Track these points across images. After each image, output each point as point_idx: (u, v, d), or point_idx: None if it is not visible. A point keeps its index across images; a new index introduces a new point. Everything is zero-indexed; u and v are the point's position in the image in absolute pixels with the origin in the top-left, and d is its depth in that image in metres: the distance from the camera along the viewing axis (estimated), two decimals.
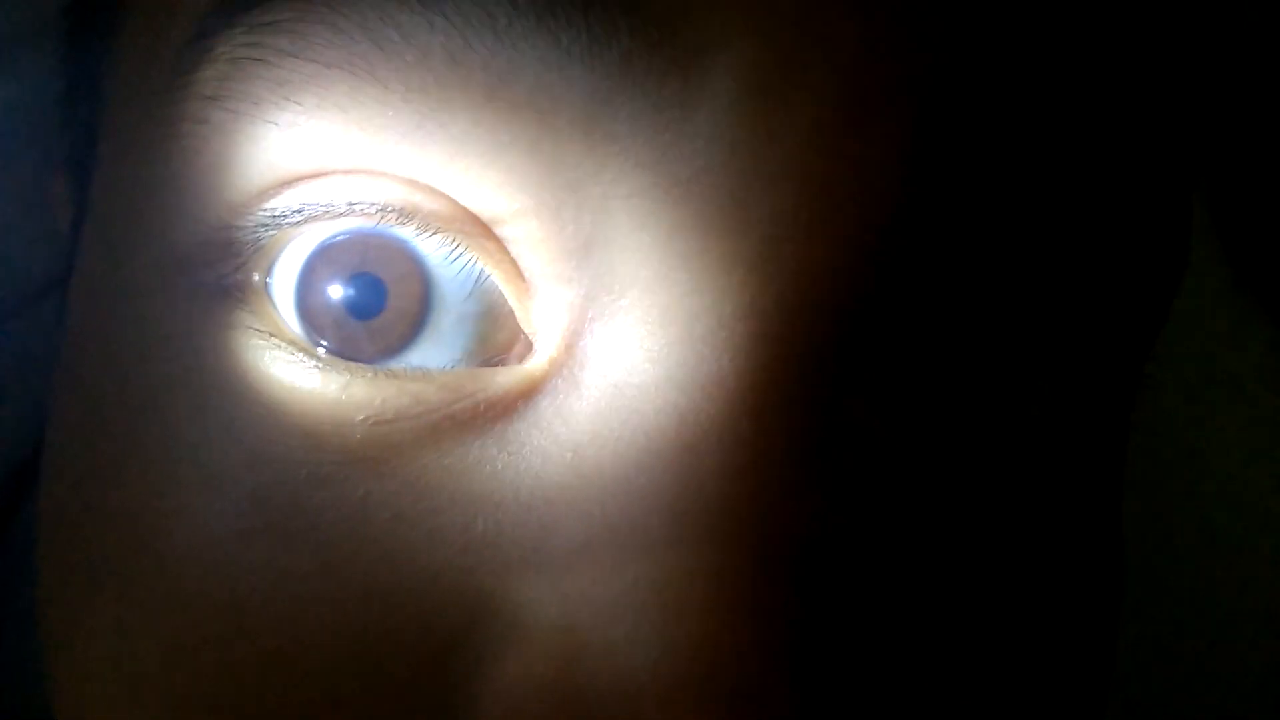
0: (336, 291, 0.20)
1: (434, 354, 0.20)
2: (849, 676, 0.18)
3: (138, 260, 0.21)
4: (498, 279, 0.19)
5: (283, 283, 0.20)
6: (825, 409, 0.18)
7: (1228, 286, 0.41)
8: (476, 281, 0.19)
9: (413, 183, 0.19)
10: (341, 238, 0.20)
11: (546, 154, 0.18)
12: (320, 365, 0.19)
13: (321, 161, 0.19)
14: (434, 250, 0.19)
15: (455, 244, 0.19)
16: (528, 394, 0.19)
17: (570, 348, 0.19)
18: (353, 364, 0.19)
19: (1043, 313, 0.20)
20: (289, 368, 0.19)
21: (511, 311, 0.19)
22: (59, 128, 0.28)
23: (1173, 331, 0.23)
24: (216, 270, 0.20)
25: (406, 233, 0.19)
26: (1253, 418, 0.41)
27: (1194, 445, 0.41)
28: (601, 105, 0.18)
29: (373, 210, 0.19)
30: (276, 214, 0.19)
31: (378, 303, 0.20)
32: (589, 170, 0.18)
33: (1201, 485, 0.41)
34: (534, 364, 0.19)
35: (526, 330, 0.19)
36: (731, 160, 0.18)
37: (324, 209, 0.19)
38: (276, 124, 0.19)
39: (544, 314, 0.19)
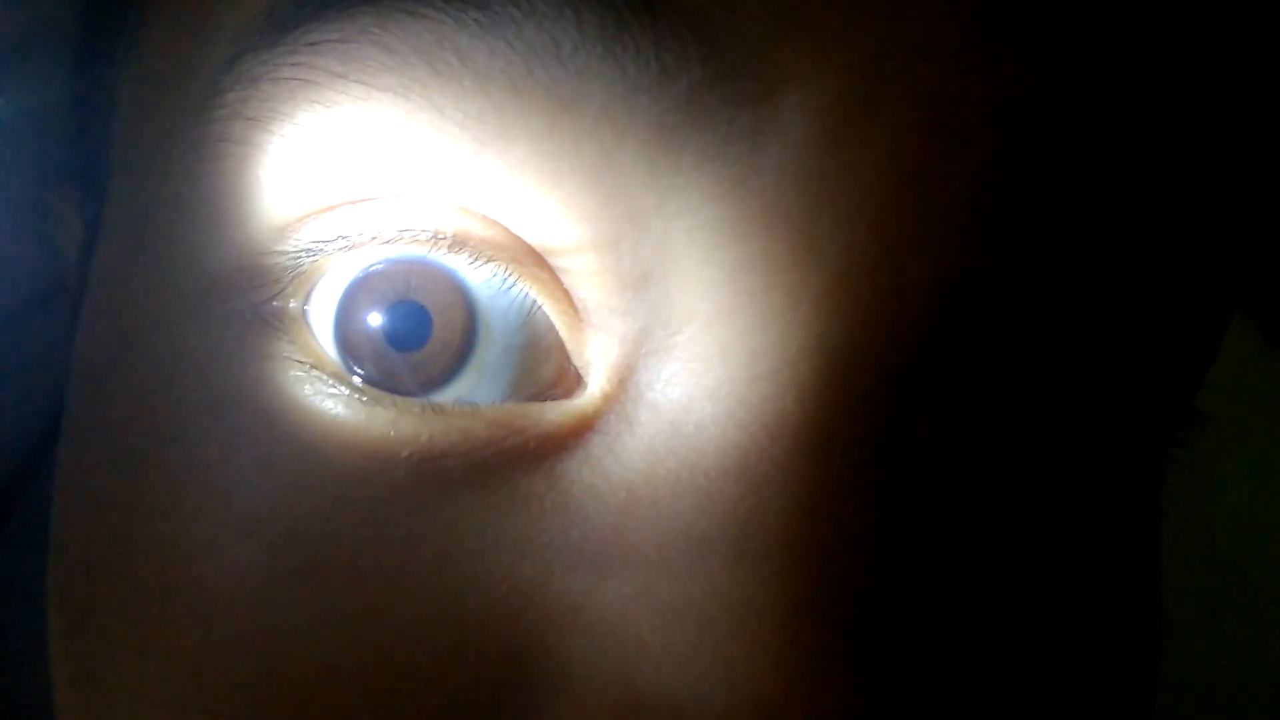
0: (376, 320, 0.19)
1: (478, 388, 0.19)
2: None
3: (167, 285, 0.20)
4: (550, 311, 0.19)
5: (321, 311, 0.19)
6: (891, 451, 0.18)
7: (1239, 321, 0.41)
8: (527, 313, 0.19)
9: (465, 210, 0.18)
10: (383, 265, 0.19)
11: (608, 185, 0.17)
12: (364, 398, 0.18)
13: (369, 186, 0.18)
14: (483, 280, 0.19)
15: (508, 274, 0.18)
16: (579, 430, 0.18)
17: (623, 383, 0.18)
18: (398, 398, 0.18)
19: (1105, 356, 0.20)
20: (331, 400, 0.18)
21: (559, 345, 0.19)
22: (66, 138, 0.27)
23: None
24: (253, 297, 0.19)
25: (457, 262, 0.18)
26: (1260, 446, 0.41)
27: (1202, 474, 0.40)
28: (668, 137, 0.17)
29: (424, 237, 0.18)
30: (320, 239, 0.19)
31: (420, 333, 0.19)
32: (651, 203, 0.17)
33: (1211, 514, 0.40)
34: (585, 399, 0.18)
35: (578, 364, 0.19)
36: (803, 196, 0.17)
37: (371, 236, 0.18)
38: (320, 147, 0.18)
39: (597, 348, 0.18)
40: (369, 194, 0.18)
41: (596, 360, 0.18)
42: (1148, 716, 0.22)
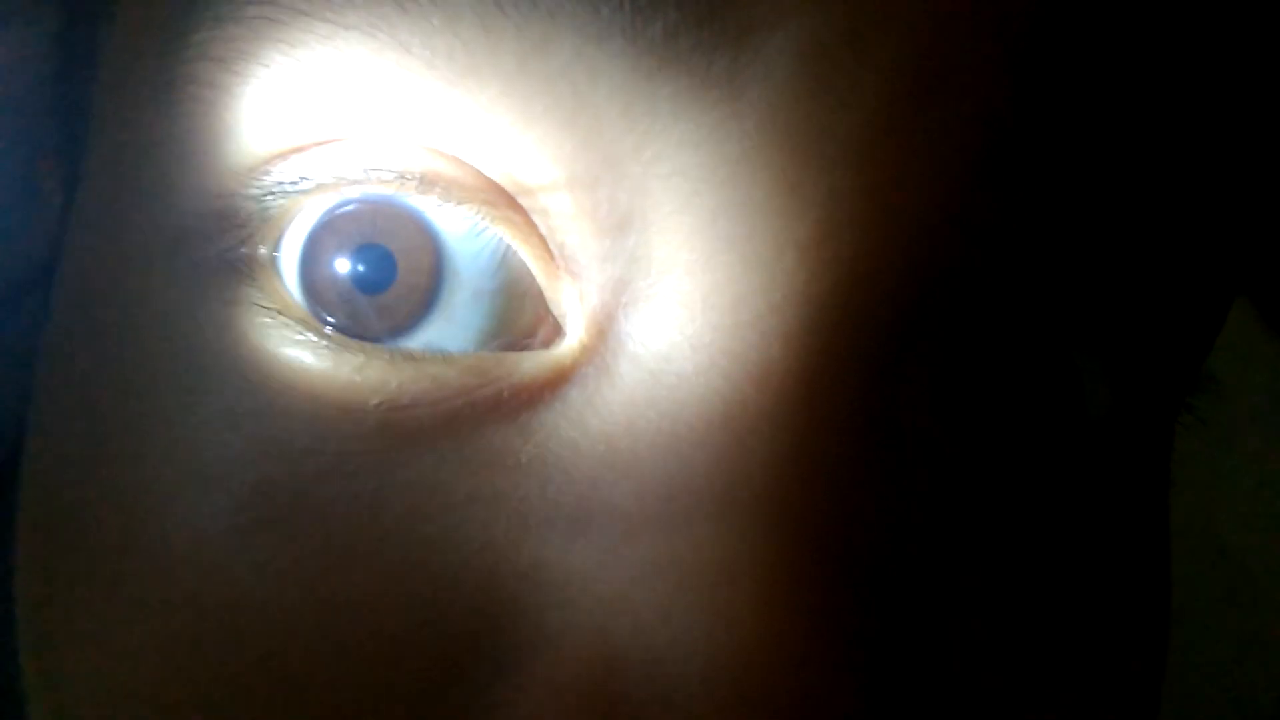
0: (343, 265, 0.18)
1: (447, 334, 0.18)
2: (909, 681, 0.17)
3: (134, 235, 0.20)
4: (525, 255, 0.18)
5: (288, 257, 0.19)
6: (880, 401, 0.17)
7: (1238, 306, 0.40)
8: (499, 257, 0.18)
9: (435, 150, 0.18)
10: (349, 207, 0.18)
11: (583, 128, 0.17)
12: (332, 345, 0.18)
13: (335, 126, 0.18)
14: (453, 222, 0.18)
15: (479, 216, 0.18)
16: (556, 381, 0.18)
17: (602, 332, 0.18)
18: (366, 344, 0.18)
19: (1105, 312, 0.19)
20: (298, 348, 0.18)
21: (535, 292, 0.18)
22: (51, 111, 0.27)
23: None
24: (220, 243, 0.19)
25: (425, 203, 0.18)
26: (1265, 439, 0.40)
27: (1206, 467, 0.40)
28: (643, 81, 0.17)
29: (391, 178, 0.18)
30: (285, 181, 0.18)
31: (386, 277, 0.18)
32: (627, 147, 0.17)
33: (1214, 508, 0.40)
34: (563, 349, 0.18)
35: (554, 312, 0.18)
36: (785, 142, 0.17)
37: (338, 176, 0.18)
38: (286, 87, 0.18)
39: (574, 295, 0.18)
40: (336, 134, 0.18)
41: (574, 309, 0.18)
42: (1156, 687, 0.22)
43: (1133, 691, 0.21)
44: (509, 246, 0.18)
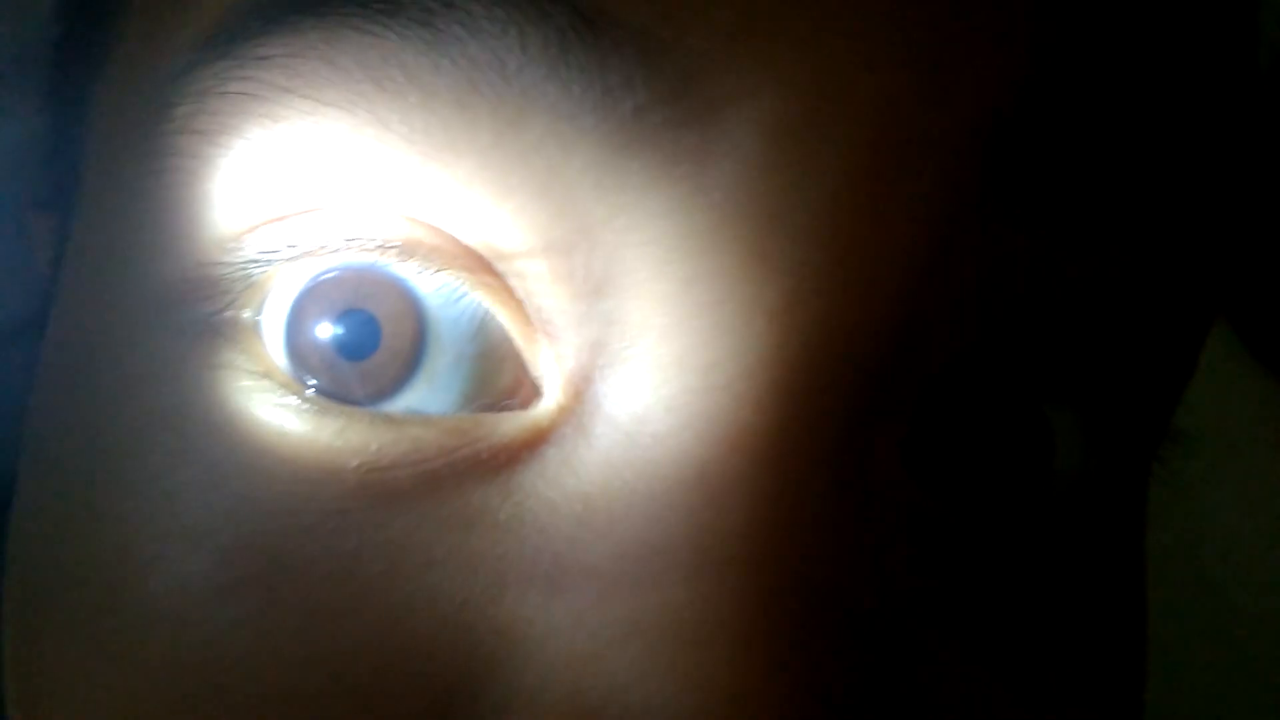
0: (326, 330, 0.19)
1: (429, 398, 0.19)
2: None
3: (119, 296, 0.20)
4: (504, 319, 0.19)
5: (272, 321, 0.19)
6: (852, 462, 0.18)
7: (1223, 338, 0.41)
8: (479, 323, 0.19)
9: (414, 219, 0.18)
10: (333, 274, 0.19)
11: (557, 199, 0.17)
12: (313, 408, 0.18)
13: (316, 196, 0.18)
14: (434, 289, 0.19)
15: (459, 282, 0.18)
16: (534, 442, 0.18)
17: (579, 394, 0.18)
18: (347, 407, 0.18)
19: (1076, 369, 0.20)
20: (280, 411, 0.18)
21: (514, 355, 0.19)
22: (42, 164, 0.27)
23: None
24: (204, 308, 0.19)
25: (406, 270, 0.18)
26: (1248, 470, 0.41)
27: (1190, 498, 0.40)
28: (614, 156, 0.17)
29: (372, 246, 0.18)
30: (268, 249, 0.19)
31: (370, 342, 0.19)
32: (600, 217, 0.17)
33: (1198, 539, 0.40)
34: (540, 410, 0.18)
35: (532, 374, 0.19)
36: (753, 214, 0.17)
37: (319, 245, 0.18)
38: (268, 159, 0.18)
39: (551, 358, 0.18)
40: (317, 204, 0.18)
41: (551, 371, 0.18)
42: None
43: None
44: (488, 311, 0.19)
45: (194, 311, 0.19)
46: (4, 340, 0.31)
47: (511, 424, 0.18)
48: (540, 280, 0.18)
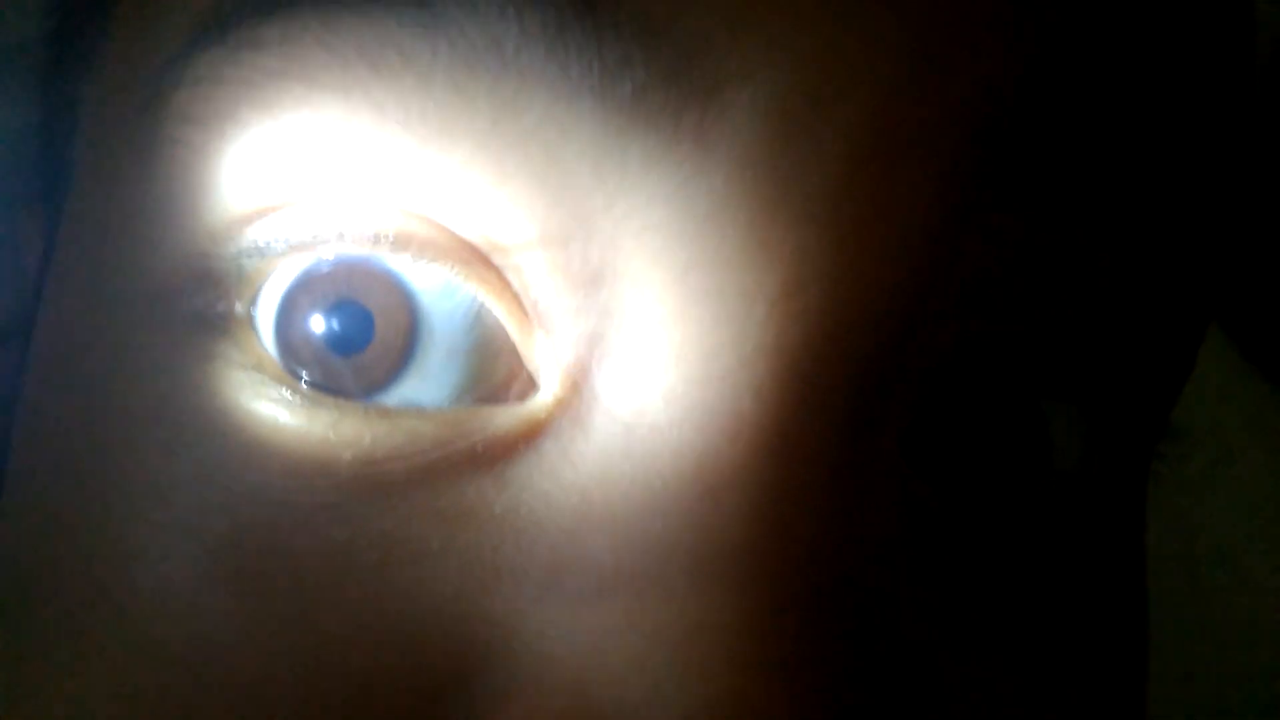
0: (318, 324, 0.19)
1: (422, 391, 0.18)
2: None
3: (111, 289, 0.20)
4: (499, 312, 0.18)
5: (264, 313, 0.19)
6: (854, 456, 0.17)
7: (1216, 342, 0.41)
8: (473, 316, 0.18)
9: (408, 211, 0.18)
10: (325, 266, 0.19)
11: (554, 186, 0.17)
12: (306, 400, 0.18)
13: (312, 187, 0.18)
14: (427, 282, 0.18)
15: (453, 274, 0.18)
16: (530, 434, 0.18)
17: (576, 385, 0.18)
18: (341, 400, 0.18)
19: (1078, 356, 0.19)
20: (273, 404, 0.18)
21: (509, 348, 0.18)
22: (31, 161, 0.27)
23: None
24: (196, 300, 0.19)
25: (399, 262, 0.18)
26: (1242, 474, 0.41)
27: (1184, 501, 0.40)
28: (613, 139, 0.17)
29: (365, 239, 0.18)
30: (260, 241, 0.18)
31: (362, 336, 0.18)
32: (598, 204, 0.17)
33: (1192, 542, 0.40)
34: (537, 402, 0.18)
35: (529, 367, 0.18)
36: (753, 196, 0.17)
37: (313, 236, 0.18)
38: (263, 147, 0.18)
39: (548, 350, 0.18)
40: (311, 195, 0.18)
41: (548, 363, 0.18)
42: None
43: None
44: (483, 304, 0.18)
45: (186, 304, 0.19)
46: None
47: (508, 416, 0.18)
48: (537, 272, 0.18)
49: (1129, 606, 0.22)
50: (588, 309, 0.18)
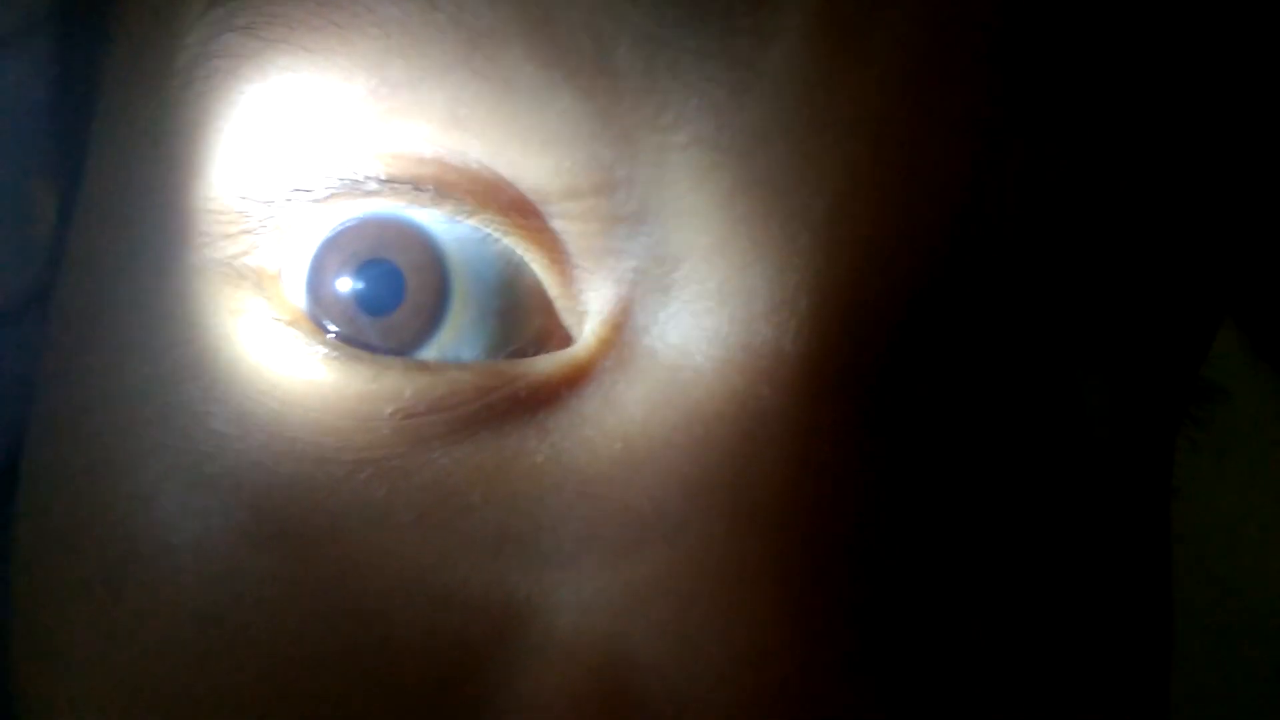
0: (347, 283, 0.18)
1: (452, 350, 0.18)
2: (920, 683, 0.17)
3: (138, 249, 0.19)
4: (536, 263, 0.18)
5: (295, 268, 0.18)
6: (891, 403, 0.17)
7: (1226, 333, 0.41)
8: (510, 272, 0.18)
9: (444, 162, 0.18)
10: (354, 223, 0.18)
11: (602, 94, 0.17)
12: (343, 355, 0.18)
13: (346, 134, 0.18)
14: (461, 238, 0.18)
15: (489, 228, 0.18)
16: (573, 381, 0.18)
17: (619, 328, 0.18)
18: (379, 355, 0.18)
19: (1108, 317, 0.19)
20: (310, 359, 0.18)
21: (543, 306, 0.18)
22: (44, 134, 0.27)
23: None
24: (227, 250, 0.18)
25: (436, 216, 0.18)
26: (1253, 467, 0.41)
27: (1194, 494, 0.40)
28: (669, 30, 0.16)
29: (405, 189, 0.18)
30: (296, 189, 0.18)
31: (393, 294, 0.18)
32: (647, 114, 0.17)
33: (1203, 535, 0.40)
34: (580, 347, 0.18)
35: (566, 320, 0.18)
36: (803, 106, 0.16)
37: (350, 185, 0.18)
38: (298, 94, 0.18)
39: (591, 293, 0.18)
40: (345, 142, 0.18)
41: (591, 306, 0.18)
42: (1162, 694, 0.22)
43: (1139, 699, 0.21)
44: (516, 263, 0.18)
45: (216, 254, 0.18)
46: (14, 308, 0.30)
47: (550, 363, 0.18)
48: (580, 211, 0.17)
49: (1154, 573, 0.22)
50: (631, 245, 0.17)
